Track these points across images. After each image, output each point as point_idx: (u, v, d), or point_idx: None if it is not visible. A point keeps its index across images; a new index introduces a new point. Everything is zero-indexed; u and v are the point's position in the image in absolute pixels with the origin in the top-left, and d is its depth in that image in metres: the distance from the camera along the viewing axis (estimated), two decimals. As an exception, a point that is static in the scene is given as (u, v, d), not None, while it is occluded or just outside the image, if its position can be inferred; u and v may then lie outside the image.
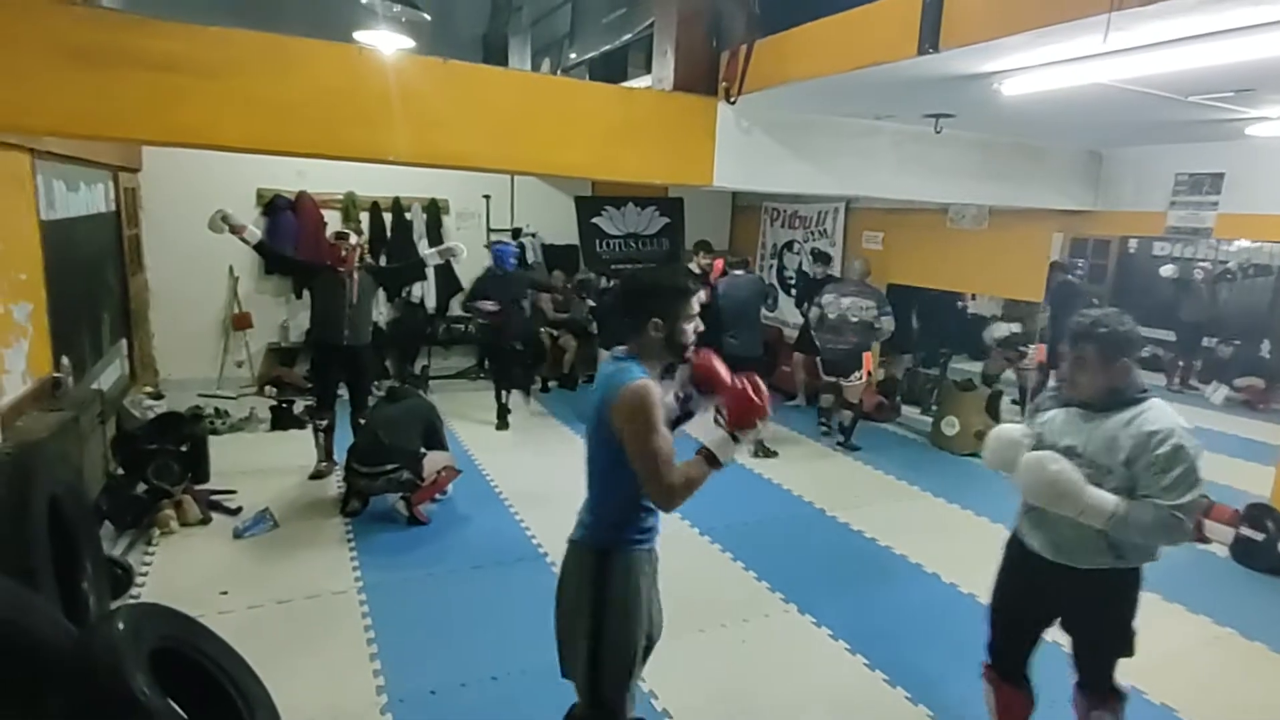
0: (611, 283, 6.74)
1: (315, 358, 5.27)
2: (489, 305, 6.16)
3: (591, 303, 7.87)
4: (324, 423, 5.10)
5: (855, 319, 5.99)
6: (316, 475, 5.04)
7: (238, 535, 4.12)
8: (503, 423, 6.47)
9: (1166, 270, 9.30)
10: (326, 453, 5.11)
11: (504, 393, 6.49)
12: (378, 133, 3.49)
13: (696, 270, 6.61)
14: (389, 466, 4.26)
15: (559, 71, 7.03)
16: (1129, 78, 3.15)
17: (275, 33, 3.25)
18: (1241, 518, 4.45)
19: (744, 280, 6.21)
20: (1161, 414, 2.09)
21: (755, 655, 3.27)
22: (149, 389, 6.22)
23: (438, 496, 4.56)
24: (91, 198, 5.05)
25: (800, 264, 8.24)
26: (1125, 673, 3.14)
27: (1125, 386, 2.14)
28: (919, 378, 7.52)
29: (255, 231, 4.80)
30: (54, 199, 4.22)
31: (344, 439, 4.83)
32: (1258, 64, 2.79)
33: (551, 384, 7.87)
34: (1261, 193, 4.70)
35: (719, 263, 6.68)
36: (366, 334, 5.07)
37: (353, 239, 4.97)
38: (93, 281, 5.11)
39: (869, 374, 6.33)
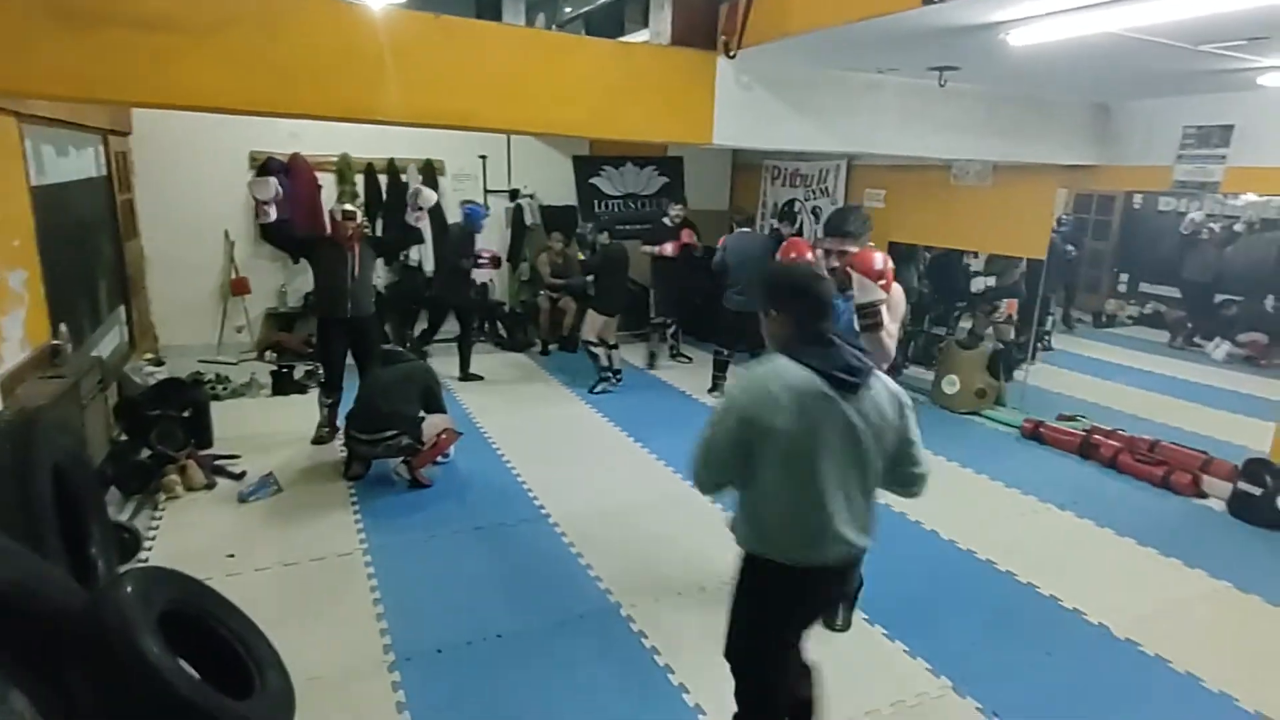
0: (607, 237, 6.61)
1: (320, 333, 5.16)
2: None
3: (583, 256, 7.53)
4: (331, 400, 5.08)
5: None
6: (319, 440, 5.03)
7: (242, 499, 4.15)
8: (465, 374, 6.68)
9: (1189, 225, 9.22)
10: (329, 421, 5.11)
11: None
12: (371, 92, 3.43)
13: (669, 224, 6.87)
14: (388, 433, 4.28)
15: (554, 26, 6.87)
16: (1139, 26, 3.07)
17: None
18: (1239, 473, 4.47)
19: (751, 237, 6.41)
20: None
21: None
22: (149, 355, 6.22)
23: (439, 459, 4.58)
24: (82, 162, 4.98)
25: (800, 225, 8.15)
26: (1120, 625, 3.21)
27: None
28: (924, 337, 7.49)
29: (270, 214, 4.64)
30: (43, 164, 4.15)
31: (349, 404, 4.84)
32: (1273, 9, 2.72)
33: (552, 346, 7.86)
34: (1271, 145, 4.62)
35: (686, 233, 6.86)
36: (370, 304, 5.06)
37: (359, 217, 4.90)
38: (87, 248, 5.06)
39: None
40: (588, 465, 4.93)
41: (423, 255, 7.57)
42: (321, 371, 5.23)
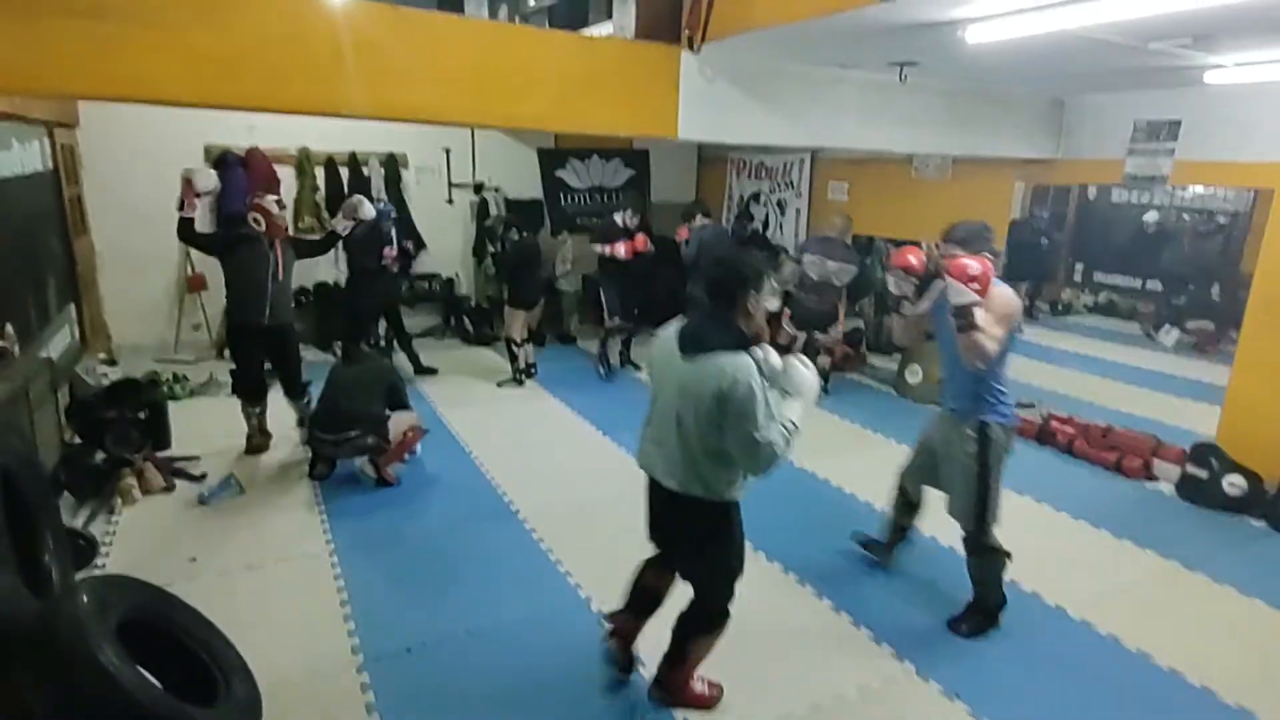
0: (520, 234, 6.38)
1: (235, 340, 4.63)
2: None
3: (493, 249, 7.12)
4: (257, 408, 4.70)
5: (839, 283, 5.98)
6: (255, 450, 4.70)
7: (203, 501, 4.06)
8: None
9: (1150, 218, 9.54)
10: (260, 429, 4.75)
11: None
12: (329, 85, 3.36)
13: (619, 224, 6.59)
14: (352, 432, 4.21)
15: (517, 19, 6.80)
16: (1090, 24, 3.14)
17: (214, -22, 3.08)
18: (1187, 456, 4.64)
19: (713, 229, 6.68)
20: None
21: (726, 603, 3.35)
22: (102, 355, 6.05)
23: (406, 457, 4.54)
24: (25, 156, 4.80)
25: (766, 217, 8.22)
26: (1076, 605, 3.32)
27: None
28: (886, 327, 7.61)
29: (196, 208, 4.30)
30: (-16, 158, 4.00)
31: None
32: (1215, 10, 2.81)
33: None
34: (1216, 140, 4.78)
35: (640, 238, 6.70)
36: (291, 311, 4.69)
37: (275, 204, 4.42)
38: (33, 245, 4.89)
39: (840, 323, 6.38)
40: (556, 460, 4.93)
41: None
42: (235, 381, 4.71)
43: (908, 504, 3.48)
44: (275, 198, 4.48)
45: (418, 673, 2.82)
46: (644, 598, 2.76)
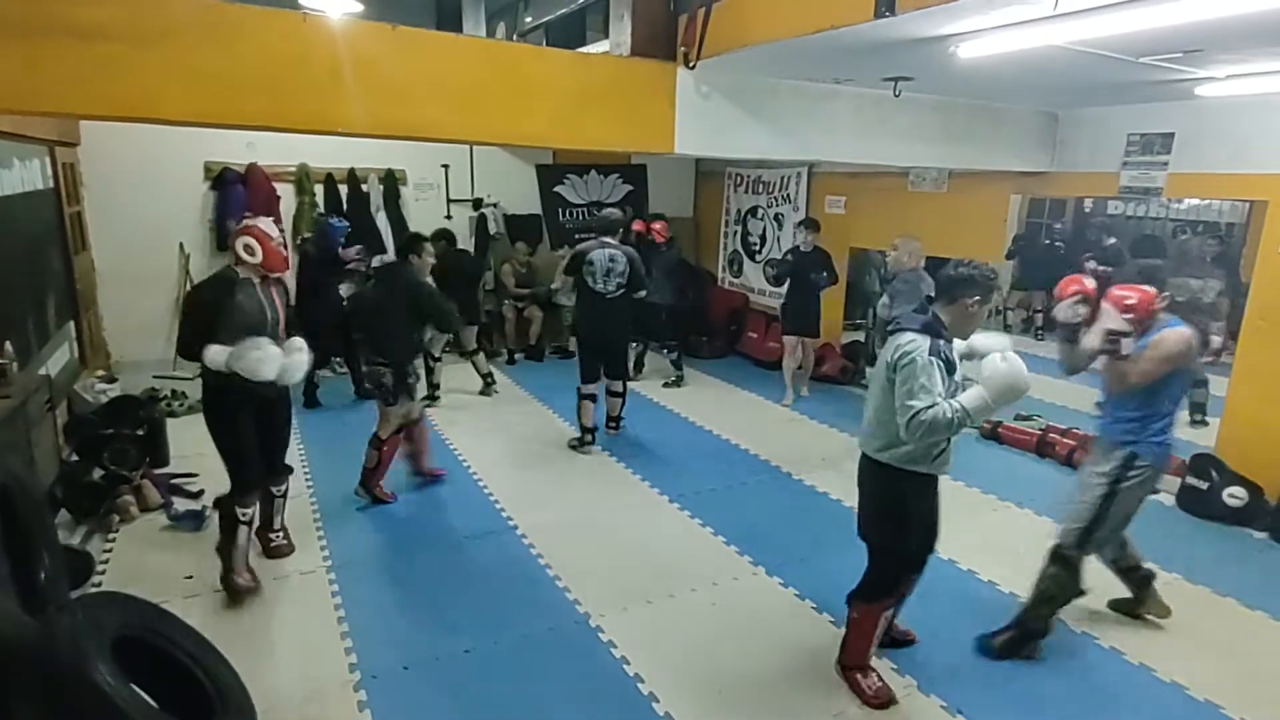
0: (451, 248, 6.15)
1: (225, 412, 3.27)
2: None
3: (345, 289, 6.12)
4: (249, 514, 3.40)
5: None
6: (240, 590, 3.36)
7: (171, 520, 4.04)
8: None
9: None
10: (243, 563, 3.41)
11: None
12: (328, 103, 3.39)
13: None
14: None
15: (515, 36, 6.87)
16: (1081, 39, 3.18)
17: (214, -1, 3.11)
18: (1187, 468, 4.63)
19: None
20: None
21: (725, 617, 3.34)
22: (101, 372, 6.04)
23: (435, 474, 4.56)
24: (27, 174, 4.82)
25: (763, 231, 8.24)
26: (1077, 619, 3.30)
27: None
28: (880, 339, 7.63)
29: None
30: (-14, 177, 4.03)
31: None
32: (1205, 24, 2.84)
33: (518, 356, 7.82)
34: (1209, 152, 4.80)
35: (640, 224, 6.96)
36: None
37: (273, 227, 3.36)
38: (33, 262, 4.91)
39: None
40: (554, 475, 4.92)
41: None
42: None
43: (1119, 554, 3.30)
44: (271, 218, 3.52)
45: (415, 691, 2.80)
46: None
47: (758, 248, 8.40)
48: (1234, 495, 4.38)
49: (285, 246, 3.39)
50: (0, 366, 3.81)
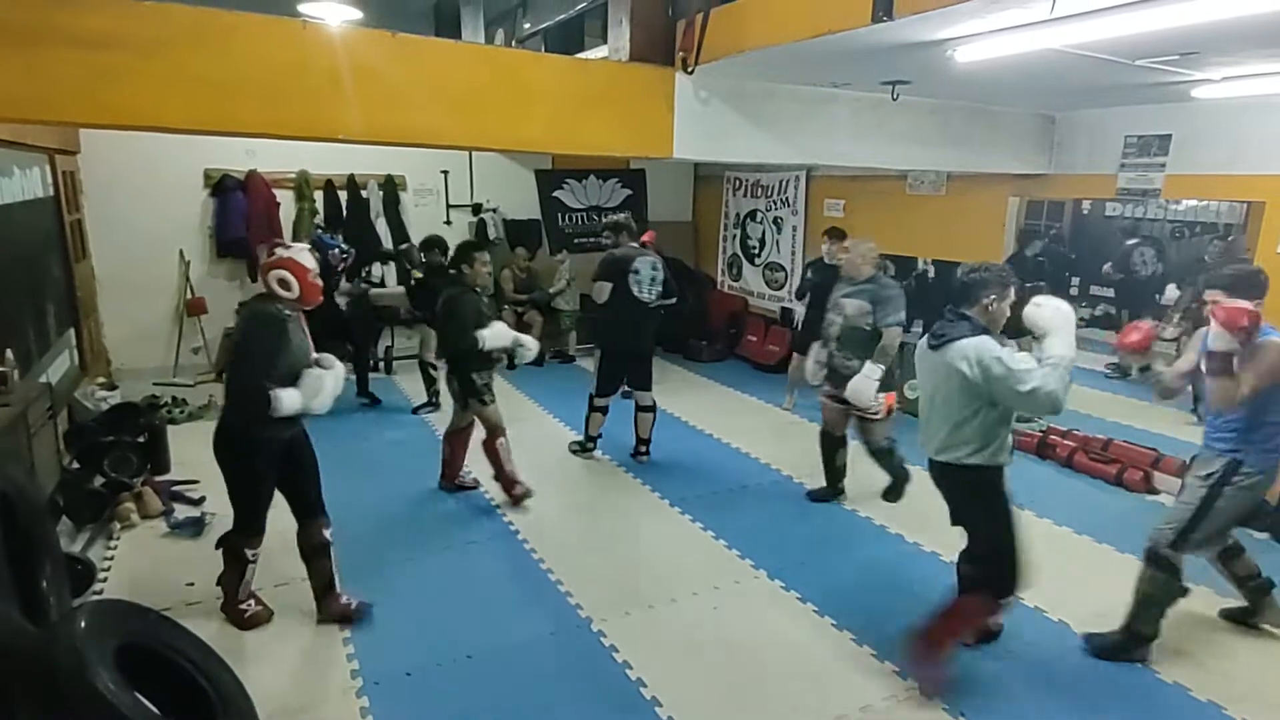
0: (442, 255, 5.76)
1: (251, 456, 3.03)
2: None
3: (419, 274, 6.16)
4: (258, 553, 3.21)
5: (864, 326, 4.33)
6: (251, 621, 3.20)
7: (171, 527, 4.04)
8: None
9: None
10: (247, 593, 3.25)
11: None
12: (327, 110, 3.40)
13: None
14: None
15: (513, 43, 6.89)
16: (1078, 43, 3.19)
17: (214, 7, 3.12)
18: (1188, 468, 4.62)
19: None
20: None
21: (727, 621, 3.34)
22: (101, 379, 6.05)
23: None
24: (27, 182, 4.84)
25: (762, 234, 8.25)
26: (1080, 621, 3.29)
27: None
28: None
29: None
30: (-14, 185, 4.04)
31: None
32: (1199, 27, 2.85)
33: (518, 360, 7.82)
34: (1206, 153, 4.82)
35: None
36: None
37: (308, 256, 3.10)
38: (33, 271, 4.92)
39: (891, 408, 4.47)
40: (555, 480, 4.92)
41: (385, 273, 7.40)
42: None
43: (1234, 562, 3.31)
44: (304, 246, 3.17)
45: (417, 697, 2.80)
46: None
47: (757, 251, 8.42)
48: (1235, 496, 4.37)
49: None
50: (1, 374, 3.82)
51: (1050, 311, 2.64)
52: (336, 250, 6.16)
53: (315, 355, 3.13)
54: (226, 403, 3.06)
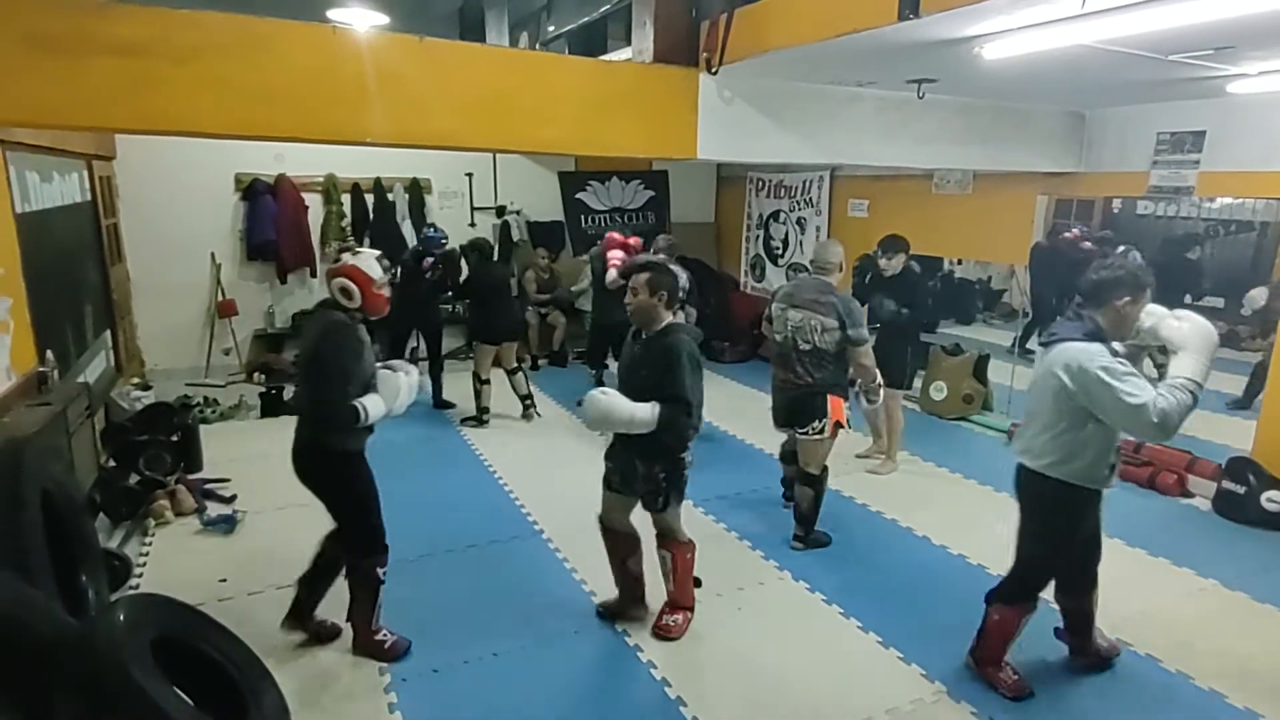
0: (485, 259, 5.92)
1: (364, 466, 2.98)
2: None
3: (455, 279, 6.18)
4: (385, 572, 3.05)
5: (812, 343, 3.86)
6: (390, 651, 3.02)
7: (204, 524, 4.12)
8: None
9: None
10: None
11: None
12: (355, 114, 3.45)
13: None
14: None
15: (537, 45, 6.94)
16: (1109, 38, 3.14)
17: (247, 14, 3.19)
18: (1223, 472, 4.53)
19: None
20: None
21: (751, 622, 3.32)
22: (136, 380, 6.19)
23: None
24: (66, 188, 4.97)
25: (786, 235, 8.21)
26: (1112, 626, 3.24)
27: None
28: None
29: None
30: (27, 190, 4.15)
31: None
32: (1237, 21, 2.79)
33: (542, 361, 7.87)
34: (1241, 150, 4.71)
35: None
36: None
37: (377, 264, 2.92)
38: (73, 273, 5.05)
39: (838, 424, 3.88)
40: (579, 479, 4.90)
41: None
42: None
43: None
44: (374, 253, 2.94)
45: (445, 694, 2.83)
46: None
47: (780, 252, 8.37)
48: (1273, 500, 4.27)
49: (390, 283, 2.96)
50: (42, 374, 3.93)
51: (1190, 327, 2.39)
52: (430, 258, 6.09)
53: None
54: (308, 422, 2.89)
